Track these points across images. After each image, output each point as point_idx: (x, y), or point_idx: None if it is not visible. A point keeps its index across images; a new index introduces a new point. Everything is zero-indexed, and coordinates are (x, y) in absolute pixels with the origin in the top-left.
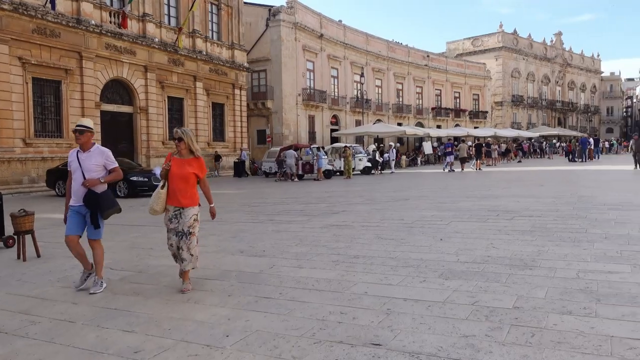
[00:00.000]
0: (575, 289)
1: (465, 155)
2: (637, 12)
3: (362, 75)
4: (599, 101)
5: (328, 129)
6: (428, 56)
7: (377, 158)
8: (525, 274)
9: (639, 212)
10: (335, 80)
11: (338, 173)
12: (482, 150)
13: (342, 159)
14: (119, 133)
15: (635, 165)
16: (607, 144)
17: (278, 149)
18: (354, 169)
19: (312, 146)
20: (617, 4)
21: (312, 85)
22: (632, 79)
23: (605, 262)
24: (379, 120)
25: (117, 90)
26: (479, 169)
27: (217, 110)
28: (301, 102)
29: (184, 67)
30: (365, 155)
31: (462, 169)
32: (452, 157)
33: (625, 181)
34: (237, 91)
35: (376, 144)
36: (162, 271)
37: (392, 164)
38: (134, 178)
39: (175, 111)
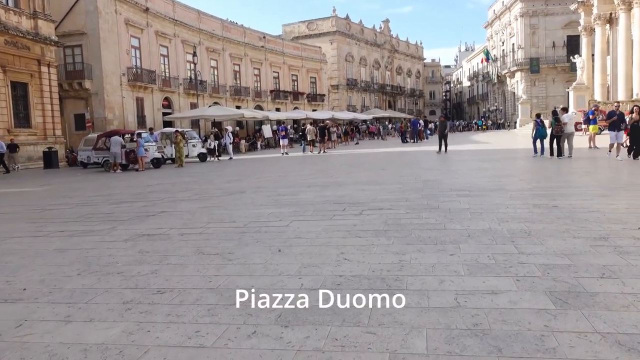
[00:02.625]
0: (462, 328)
1: (313, 138)
2: (450, 8)
3: (194, 54)
4: (423, 85)
5: (160, 112)
6: (265, 37)
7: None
8: (392, 307)
9: (488, 197)
10: (166, 59)
11: (170, 161)
12: (325, 133)
13: (173, 145)
14: None
15: (439, 148)
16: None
17: (96, 135)
18: (187, 155)
19: (136, 131)
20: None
21: (139, 64)
22: (449, 66)
23: (482, 276)
24: (216, 103)
25: None
26: (324, 151)
27: (19, 91)
28: (126, 83)
29: None
30: (199, 140)
31: (311, 151)
32: (286, 140)
33: (460, 161)
34: (44, 69)
35: (214, 128)
36: None
37: (230, 149)
38: None
39: None
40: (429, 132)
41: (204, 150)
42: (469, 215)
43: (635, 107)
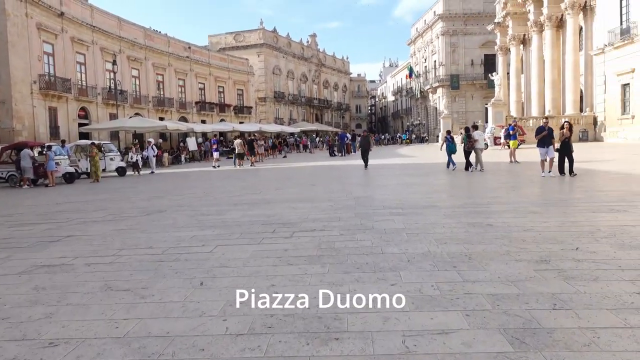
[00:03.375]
0: None
1: (242, 151)
2: (375, 25)
3: (114, 63)
4: (350, 99)
5: (75, 123)
6: (190, 48)
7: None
8: (332, 358)
9: (422, 215)
10: (83, 67)
11: (85, 176)
12: (254, 146)
13: (88, 159)
14: None
15: (365, 164)
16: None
17: (0, 147)
18: (104, 170)
19: (46, 144)
20: (360, 13)
21: (52, 72)
22: (374, 81)
23: (429, 310)
24: (137, 114)
25: None
26: (252, 165)
27: None
28: (38, 91)
29: None
30: (118, 153)
31: (240, 165)
32: (217, 153)
33: (389, 176)
34: None
35: (136, 140)
36: None
37: (153, 162)
38: None
39: None
40: (357, 145)
41: (122, 164)
42: (405, 236)
43: (565, 123)
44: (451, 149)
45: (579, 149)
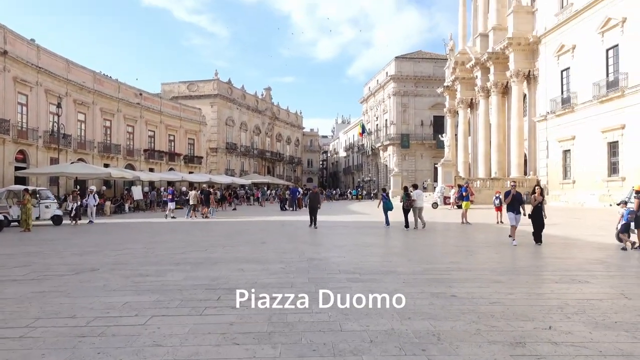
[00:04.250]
0: None
1: (195, 203)
2: (329, 82)
3: (58, 106)
4: (302, 153)
5: (12, 166)
6: (141, 94)
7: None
8: None
9: (381, 283)
10: (24, 108)
11: (16, 224)
12: (210, 198)
13: (20, 206)
14: None
15: (311, 222)
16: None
17: None
18: (38, 218)
19: None
20: (314, 70)
21: None
22: (326, 136)
23: None
24: (81, 160)
25: None
26: (206, 216)
27: None
28: None
29: None
30: (54, 201)
31: (194, 217)
32: (173, 204)
33: (342, 235)
34: None
35: (77, 187)
36: None
37: (93, 211)
38: None
39: None
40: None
41: (59, 212)
42: (365, 310)
43: (536, 187)
44: (388, 207)
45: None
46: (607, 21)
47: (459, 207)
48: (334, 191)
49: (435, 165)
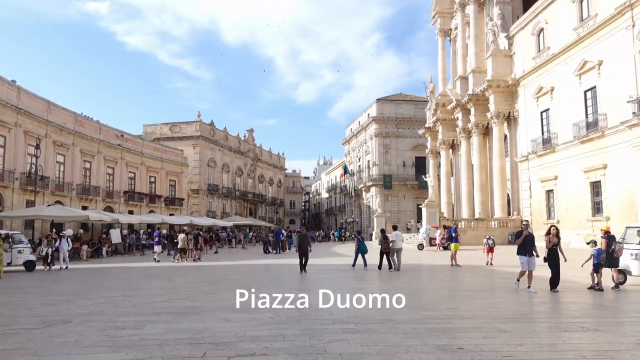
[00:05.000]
0: None
1: (184, 246)
2: (310, 124)
3: (37, 147)
4: (284, 195)
5: None
6: (122, 136)
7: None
8: None
9: (379, 333)
10: (1, 149)
11: None
12: (199, 241)
13: None
14: None
15: (301, 268)
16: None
17: None
18: (9, 263)
19: None
20: (296, 113)
21: None
22: (308, 178)
23: None
24: (58, 202)
25: None
26: (196, 259)
27: None
28: None
29: None
30: (28, 245)
31: (184, 259)
32: (160, 246)
33: (330, 279)
34: None
35: (54, 230)
36: None
37: (66, 256)
38: None
39: None
40: (293, 244)
41: (32, 258)
42: None
43: (552, 228)
44: (362, 249)
45: (510, 252)
46: (584, 64)
47: (446, 248)
48: (317, 233)
49: (419, 206)
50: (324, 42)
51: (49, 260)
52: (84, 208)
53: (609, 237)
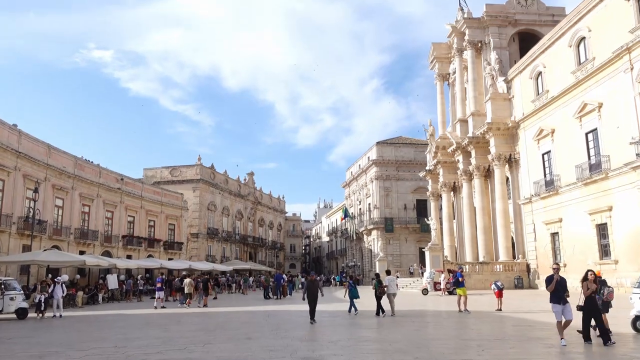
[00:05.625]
0: None
1: (191, 291)
2: (310, 168)
3: (35, 191)
4: (284, 238)
5: None
6: (122, 179)
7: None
8: None
9: None
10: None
11: None
12: (208, 286)
13: None
14: None
15: (311, 317)
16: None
17: None
18: (0, 311)
19: None
20: (296, 157)
21: None
22: (308, 221)
23: None
24: (55, 247)
25: None
26: (204, 305)
27: None
28: None
29: None
30: (21, 292)
31: (188, 304)
32: (162, 292)
33: (337, 326)
34: None
35: (50, 275)
36: None
37: (60, 303)
38: None
39: None
40: (292, 287)
41: (24, 305)
42: None
43: (589, 273)
44: (354, 294)
45: (517, 296)
46: (584, 106)
47: (451, 293)
48: (318, 277)
49: (423, 250)
50: (323, 88)
51: (42, 308)
52: (82, 253)
53: (600, 281)
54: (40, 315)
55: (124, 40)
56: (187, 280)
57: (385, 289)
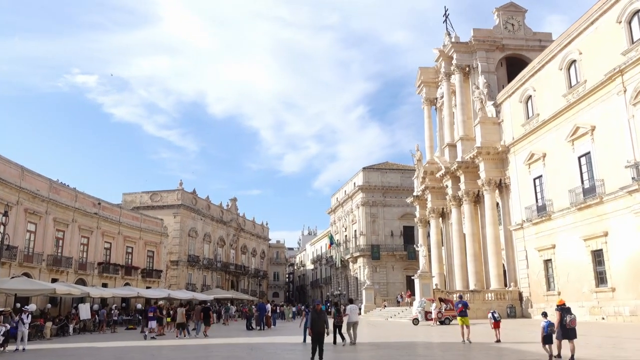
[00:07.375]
0: None
1: (183, 321)
2: (295, 195)
3: (5, 214)
4: (267, 266)
5: None
6: (99, 204)
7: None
8: None
9: None
10: None
11: None
12: (209, 315)
13: None
14: None
15: (312, 356)
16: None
17: None
18: None
19: None
20: (280, 183)
21: None
22: (292, 249)
23: None
24: (26, 274)
25: None
26: (205, 334)
27: None
28: None
29: None
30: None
31: (184, 335)
32: (154, 322)
33: None
34: None
35: (18, 304)
36: None
37: (25, 336)
38: None
39: None
40: (276, 317)
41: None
42: None
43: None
44: (307, 324)
45: (512, 326)
46: (576, 130)
47: (442, 323)
48: (302, 307)
49: (412, 278)
50: (309, 115)
51: (2, 341)
52: (54, 281)
53: (562, 309)
54: (2, 349)
55: (109, 66)
56: (179, 310)
57: (346, 317)
